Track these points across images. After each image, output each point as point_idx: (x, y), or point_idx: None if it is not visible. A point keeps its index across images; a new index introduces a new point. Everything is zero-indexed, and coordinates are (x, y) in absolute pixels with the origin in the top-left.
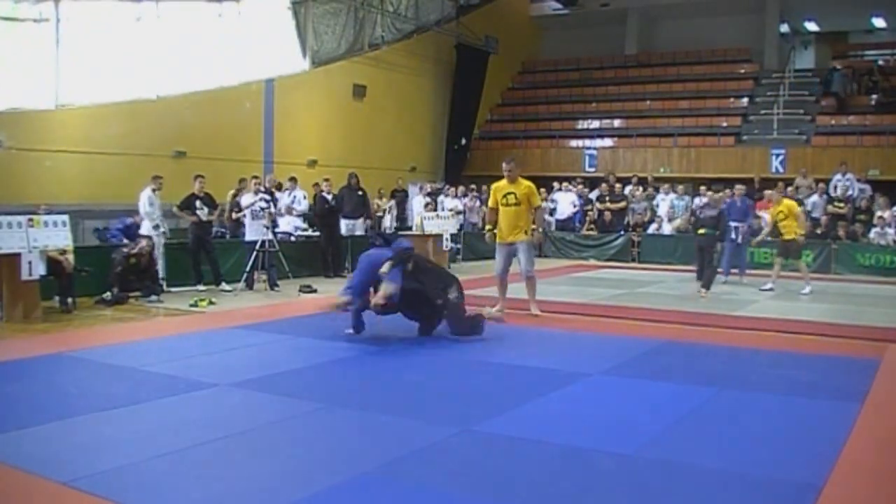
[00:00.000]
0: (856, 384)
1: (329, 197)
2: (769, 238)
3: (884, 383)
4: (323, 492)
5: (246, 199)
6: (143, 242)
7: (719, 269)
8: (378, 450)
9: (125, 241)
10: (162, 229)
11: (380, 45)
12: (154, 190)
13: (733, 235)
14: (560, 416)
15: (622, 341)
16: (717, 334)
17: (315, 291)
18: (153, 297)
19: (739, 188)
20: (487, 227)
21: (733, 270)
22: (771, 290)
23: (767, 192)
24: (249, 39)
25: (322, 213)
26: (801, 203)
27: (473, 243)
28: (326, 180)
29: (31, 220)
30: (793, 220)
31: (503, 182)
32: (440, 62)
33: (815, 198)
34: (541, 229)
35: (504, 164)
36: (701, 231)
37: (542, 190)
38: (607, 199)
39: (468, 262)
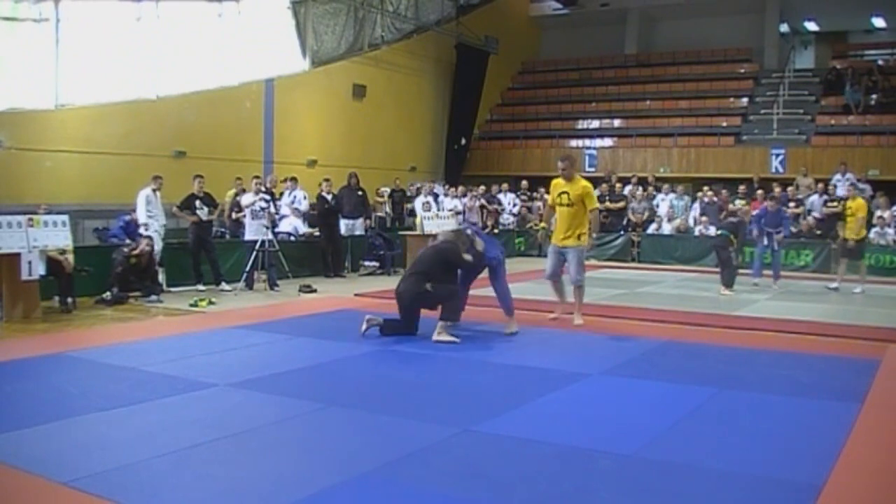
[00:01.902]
0: (856, 384)
1: (329, 197)
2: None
3: (884, 383)
4: (323, 492)
5: (246, 199)
6: (144, 242)
7: (750, 271)
8: (378, 450)
9: (127, 240)
10: (156, 229)
11: (380, 45)
12: (154, 190)
13: (766, 242)
14: (560, 416)
15: (622, 341)
16: (717, 334)
17: (315, 291)
18: (153, 297)
19: (773, 203)
20: (542, 224)
21: (767, 273)
22: (837, 289)
23: (849, 189)
24: (249, 39)
25: (322, 213)
26: (800, 203)
27: None
28: (327, 180)
29: (30, 220)
30: (854, 220)
31: (560, 180)
32: (440, 62)
33: (814, 197)
34: (593, 234)
35: (559, 163)
36: (718, 232)
37: (542, 189)
38: (607, 199)
39: None
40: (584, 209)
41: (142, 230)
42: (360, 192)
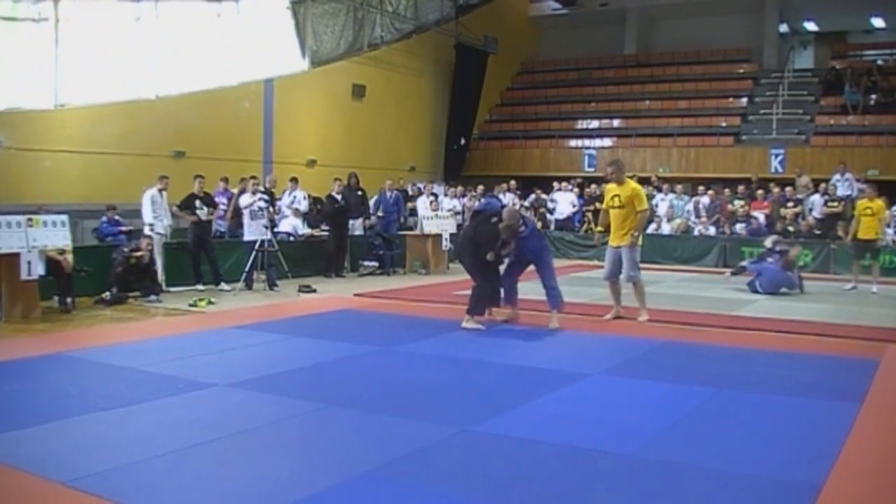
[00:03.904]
0: (855, 384)
1: (339, 197)
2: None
3: (883, 383)
4: (323, 492)
5: (244, 200)
6: (144, 242)
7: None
8: (378, 450)
9: (120, 234)
10: (159, 230)
11: (379, 45)
12: (160, 190)
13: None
14: (560, 416)
15: (622, 341)
16: (717, 334)
17: (314, 291)
18: (152, 297)
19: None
20: (598, 228)
21: None
22: (854, 288)
23: (864, 187)
24: (248, 39)
25: (331, 213)
26: (799, 203)
27: None
28: (338, 180)
29: (30, 219)
30: (875, 220)
31: (612, 184)
32: (439, 62)
33: (815, 197)
34: (636, 234)
35: (607, 168)
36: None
37: (538, 190)
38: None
39: None
40: (634, 210)
41: (146, 230)
42: (359, 192)
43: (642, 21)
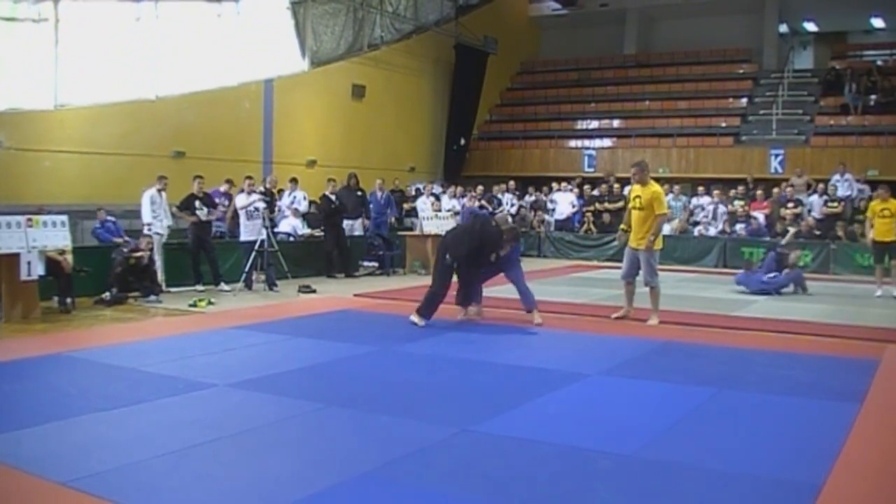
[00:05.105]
0: (855, 384)
1: (333, 197)
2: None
3: (883, 383)
4: (323, 492)
5: (241, 200)
6: (143, 242)
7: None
8: (378, 450)
9: (124, 236)
10: (157, 230)
11: (379, 45)
12: (159, 190)
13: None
14: (560, 416)
15: (622, 341)
16: (717, 334)
17: (314, 292)
18: (152, 298)
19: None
20: (622, 226)
21: None
22: (881, 296)
23: (864, 187)
24: (248, 39)
25: (327, 213)
26: (799, 203)
27: None
28: (332, 180)
29: (30, 220)
30: (893, 222)
31: (637, 185)
32: (439, 62)
33: (814, 197)
34: (652, 237)
35: (631, 169)
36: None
37: (532, 188)
38: (606, 199)
39: None
40: (653, 212)
41: (145, 230)
42: (359, 193)
43: (642, 21)
